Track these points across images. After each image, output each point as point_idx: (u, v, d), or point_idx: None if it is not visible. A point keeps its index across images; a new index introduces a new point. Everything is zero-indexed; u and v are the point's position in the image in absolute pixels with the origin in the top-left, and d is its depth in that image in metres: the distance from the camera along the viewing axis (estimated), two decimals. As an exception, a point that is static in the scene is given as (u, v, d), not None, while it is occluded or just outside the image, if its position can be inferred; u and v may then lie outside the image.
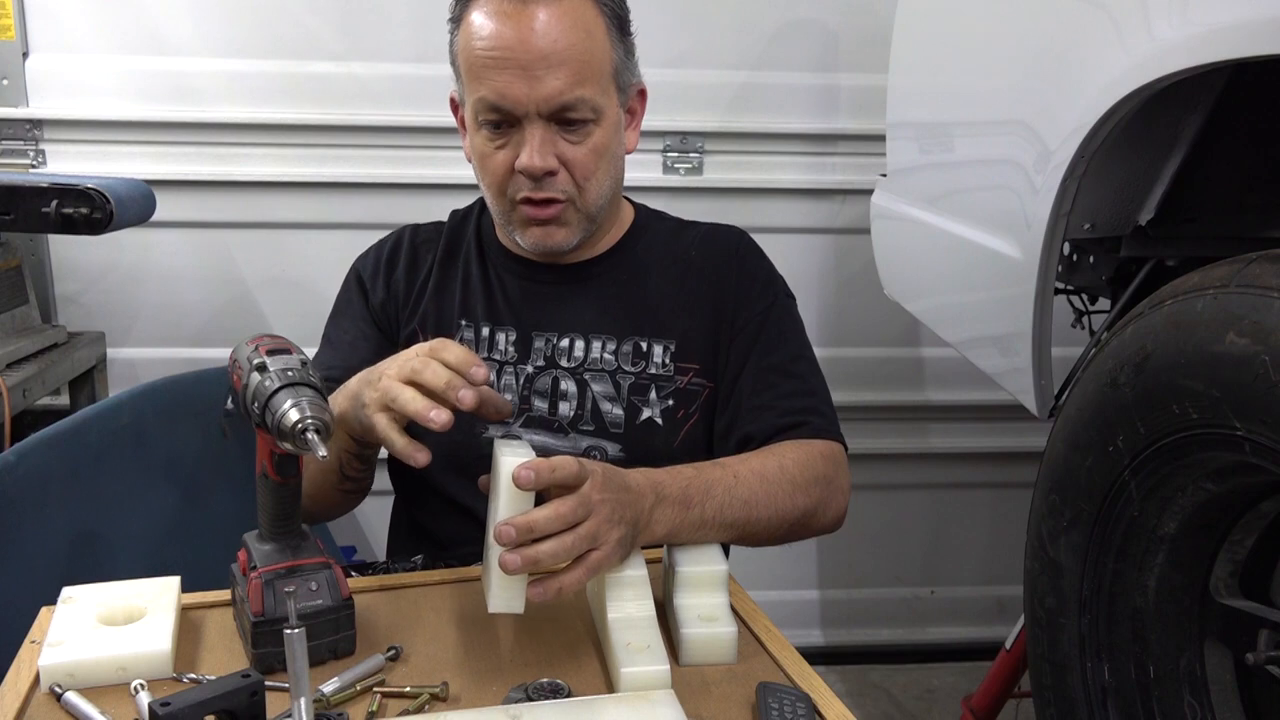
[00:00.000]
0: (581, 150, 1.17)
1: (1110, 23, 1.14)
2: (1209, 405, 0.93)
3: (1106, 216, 1.27)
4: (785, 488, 1.09)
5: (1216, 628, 1.11)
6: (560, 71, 1.12)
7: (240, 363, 0.95)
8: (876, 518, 2.54)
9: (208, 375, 1.73)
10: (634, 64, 1.24)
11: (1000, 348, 1.44)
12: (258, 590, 0.92)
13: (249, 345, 0.96)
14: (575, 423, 1.23)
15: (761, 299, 1.28)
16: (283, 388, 0.88)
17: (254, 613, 0.91)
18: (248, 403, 0.91)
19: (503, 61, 1.12)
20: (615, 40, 1.19)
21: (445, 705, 0.87)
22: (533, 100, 1.13)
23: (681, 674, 0.90)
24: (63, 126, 2.14)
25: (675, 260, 1.31)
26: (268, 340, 0.97)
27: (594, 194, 1.20)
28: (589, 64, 1.14)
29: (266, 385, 0.89)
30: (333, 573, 0.95)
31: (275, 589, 0.92)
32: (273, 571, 0.93)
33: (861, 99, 2.25)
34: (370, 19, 2.17)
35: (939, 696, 2.41)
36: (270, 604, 0.91)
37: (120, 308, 2.23)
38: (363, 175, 2.21)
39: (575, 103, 1.14)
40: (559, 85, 1.12)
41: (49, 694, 0.87)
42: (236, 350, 0.98)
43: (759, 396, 1.22)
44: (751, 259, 1.32)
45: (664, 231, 1.36)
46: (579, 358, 1.25)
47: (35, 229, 1.82)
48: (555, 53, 1.12)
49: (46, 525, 1.33)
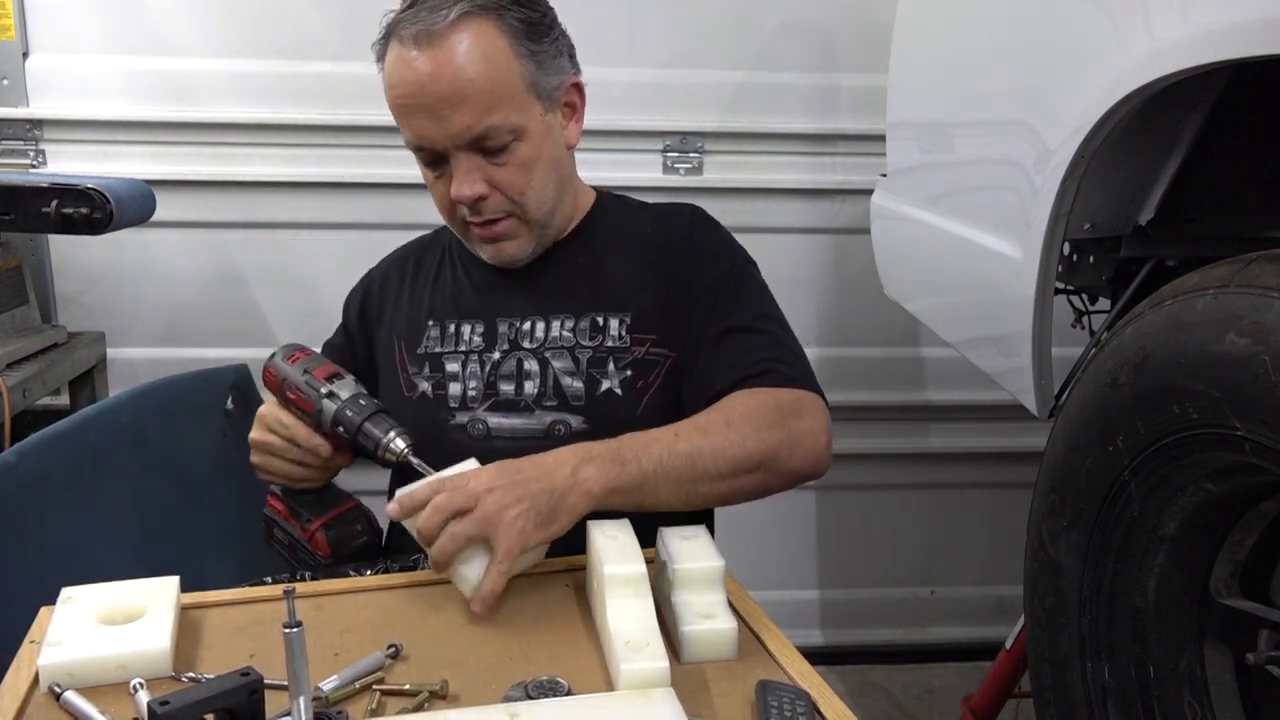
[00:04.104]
0: (508, 171, 1.20)
1: (1110, 23, 1.14)
2: (1209, 405, 0.93)
3: (1106, 216, 1.27)
4: (732, 436, 1.09)
5: (1216, 628, 1.11)
6: (464, 108, 1.15)
7: (300, 388, 1.14)
8: (876, 518, 2.54)
9: (208, 375, 1.74)
10: (558, 64, 1.24)
11: (1000, 348, 1.44)
12: (323, 539, 1.17)
13: (291, 364, 1.17)
14: (539, 400, 1.25)
15: (716, 267, 1.29)
16: (372, 416, 1.11)
17: (323, 556, 1.17)
18: (328, 425, 1.13)
19: (412, 107, 1.17)
20: (524, 54, 1.19)
21: (445, 703, 0.87)
22: (446, 137, 1.17)
23: (681, 672, 0.90)
24: (63, 126, 2.14)
25: (632, 238, 1.34)
26: (300, 354, 1.18)
27: (535, 203, 1.24)
28: (493, 92, 1.16)
29: (351, 415, 1.12)
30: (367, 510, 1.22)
31: (337, 533, 1.18)
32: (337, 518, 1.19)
33: (861, 99, 2.25)
34: (370, 19, 2.14)
35: (939, 696, 2.41)
36: (337, 546, 1.18)
37: (120, 308, 2.23)
38: (363, 175, 2.21)
39: (487, 132, 1.17)
40: (466, 121, 1.16)
41: (48, 693, 0.87)
42: (278, 368, 1.17)
43: (721, 356, 1.22)
44: (703, 231, 1.34)
45: (623, 212, 1.39)
46: (540, 338, 1.28)
47: (35, 229, 1.82)
48: (455, 91, 1.15)
49: (46, 525, 1.33)
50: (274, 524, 1.22)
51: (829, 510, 2.55)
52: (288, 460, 1.17)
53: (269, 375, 1.19)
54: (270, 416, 1.18)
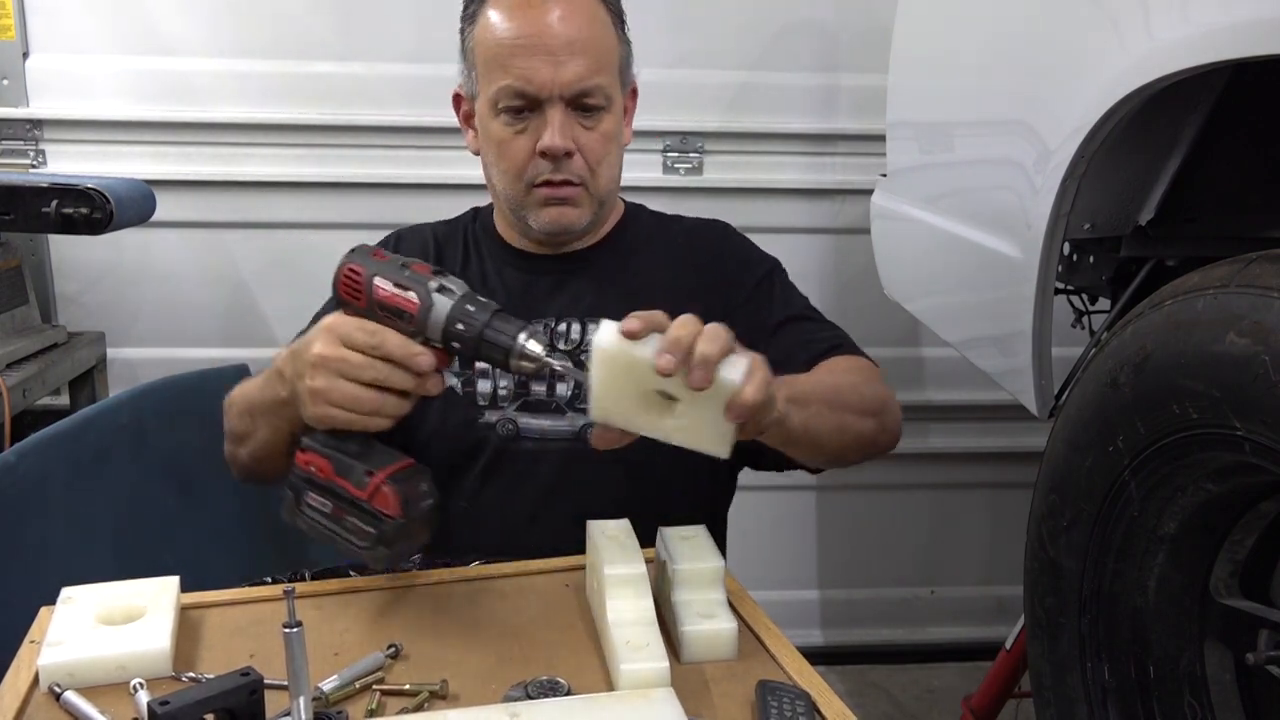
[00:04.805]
0: (595, 136, 1.23)
1: (1110, 23, 1.14)
2: (1209, 405, 0.93)
3: (1106, 216, 1.27)
4: (852, 379, 1.16)
5: (1216, 628, 1.11)
6: (581, 58, 1.19)
7: (403, 282, 0.91)
8: (876, 518, 2.54)
9: (208, 375, 1.73)
10: (632, 59, 1.30)
11: (1000, 348, 1.44)
12: (392, 493, 0.90)
13: (379, 260, 0.93)
14: (571, 402, 1.25)
15: (754, 272, 1.34)
16: (497, 313, 0.89)
17: (393, 515, 0.89)
18: (437, 330, 0.90)
19: (529, 48, 1.18)
20: (620, 35, 1.27)
21: (445, 703, 0.87)
22: (556, 84, 1.19)
23: (681, 672, 0.90)
24: (63, 126, 2.14)
25: (665, 249, 1.36)
26: (381, 253, 0.94)
27: (604, 178, 1.26)
28: (604, 54, 1.22)
29: (473, 311, 0.89)
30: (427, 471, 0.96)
31: (405, 489, 0.91)
32: (400, 472, 0.92)
33: (861, 99, 2.25)
34: (370, 19, 2.17)
35: (939, 696, 2.41)
36: (406, 503, 0.90)
37: (120, 308, 2.24)
38: (363, 175, 2.21)
39: (593, 89, 1.21)
40: (580, 70, 1.19)
41: (48, 693, 0.87)
42: (365, 264, 0.93)
43: (786, 343, 1.25)
44: (735, 243, 1.39)
45: (652, 222, 1.41)
46: (575, 340, 1.27)
47: (35, 229, 1.82)
48: (578, 40, 1.19)
49: (46, 525, 1.33)
50: (309, 487, 0.95)
51: (829, 510, 2.55)
52: (363, 383, 0.91)
53: (351, 275, 0.94)
54: (346, 324, 0.92)
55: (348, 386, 0.91)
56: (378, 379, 0.91)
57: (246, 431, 1.14)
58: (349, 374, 0.91)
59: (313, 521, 0.95)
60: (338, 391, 0.92)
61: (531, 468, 1.23)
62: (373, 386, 0.91)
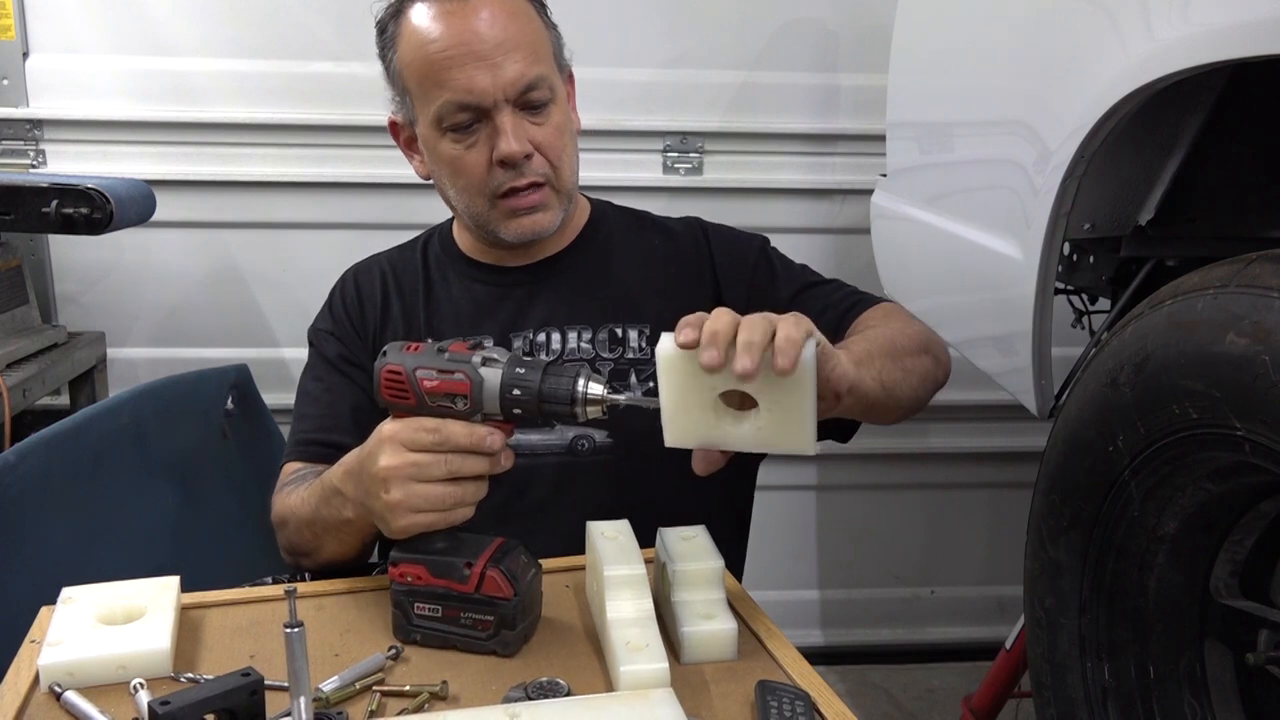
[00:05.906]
0: (548, 130, 1.20)
1: (1110, 23, 1.13)
2: (1209, 405, 0.93)
3: (1106, 216, 1.27)
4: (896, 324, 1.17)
5: (1216, 628, 1.11)
6: (516, 55, 1.16)
7: (445, 368, 0.90)
8: (876, 518, 2.54)
9: (208, 375, 1.74)
10: (561, 45, 1.27)
11: (1000, 348, 1.44)
12: (498, 576, 0.91)
13: (413, 353, 0.92)
14: None
15: (747, 258, 1.33)
16: (548, 367, 0.90)
17: (506, 597, 0.90)
18: (494, 401, 0.90)
19: (461, 58, 1.15)
20: (546, 22, 1.24)
21: (445, 704, 0.87)
22: (499, 87, 1.15)
23: (680, 672, 0.90)
24: (63, 126, 2.14)
25: (639, 248, 1.34)
26: (414, 346, 0.93)
27: (567, 171, 1.24)
28: (537, 46, 1.19)
29: (524, 374, 0.89)
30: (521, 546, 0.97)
31: (508, 567, 0.92)
32: (496, 552, 0.93)
33: (861, 99, 2.25)
34: (370, 19, 2.16)
35: (939, 696, 2.41)
36: (514, 579, 0.92)
37: (120, 308, 2.24)
38: (363, 175, 2.21)
39: (536, 81, 1.17)
40: (520, 68, 1.16)
41: (49, 693, 0.87)
42: (402, 361, 0.92)
43: (809, 308, 1.17)
44: (719, 235, 1.37)
45: (622, 219, 1.39)
46: (556, 350, 1.26)
47: (35, 229, 1.82)
48: (507, 38, 1.15)
49: (46, 525, 1.33)
50: (415, 598, 0.94)
51: (829, 510, 2.55)
52: (439, 481, 0.91)
53: (392, 376, 0.92)
54: (404, 429, 0.91)
55: (425, 489, 0.91)
56: (452, 472, 0.91)
57: (311, 548, 1.13)
58: (423, 477, 0.91)
59: (428, 631, 0.95)
60: (417, 497, 0.91)
61: (525, 483, 1.21)
62: (448, 480, 0.91)
